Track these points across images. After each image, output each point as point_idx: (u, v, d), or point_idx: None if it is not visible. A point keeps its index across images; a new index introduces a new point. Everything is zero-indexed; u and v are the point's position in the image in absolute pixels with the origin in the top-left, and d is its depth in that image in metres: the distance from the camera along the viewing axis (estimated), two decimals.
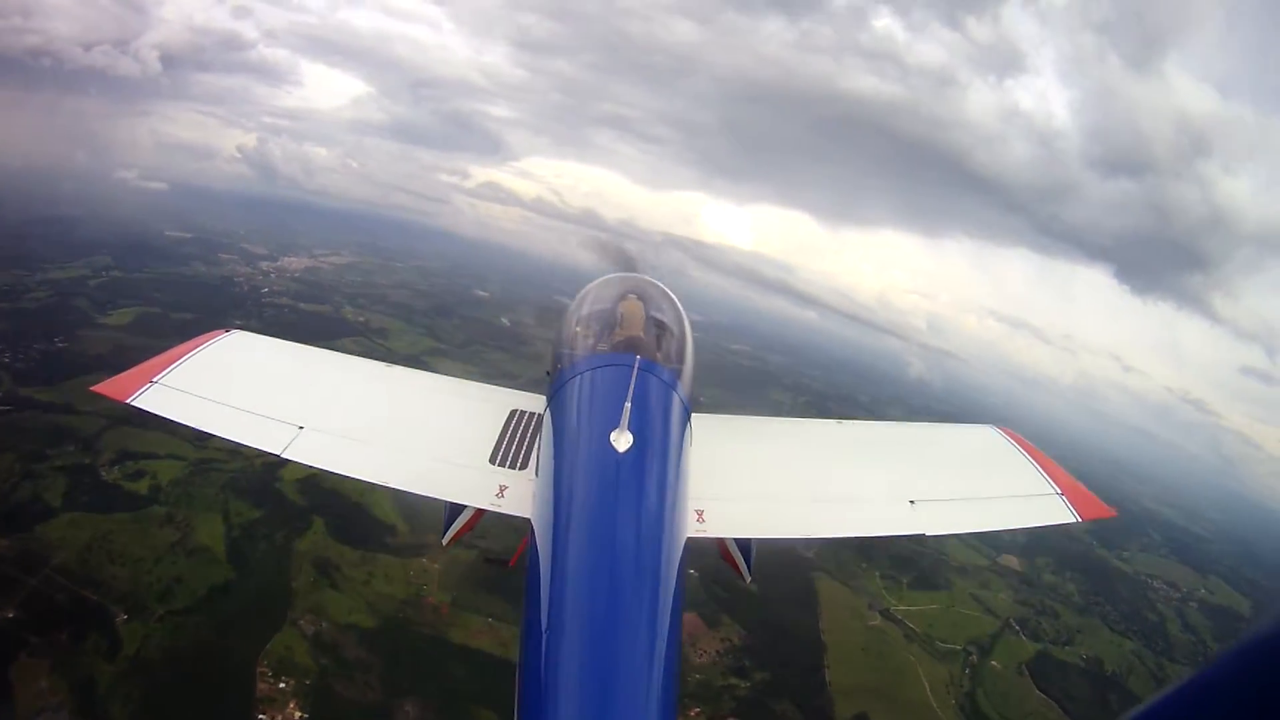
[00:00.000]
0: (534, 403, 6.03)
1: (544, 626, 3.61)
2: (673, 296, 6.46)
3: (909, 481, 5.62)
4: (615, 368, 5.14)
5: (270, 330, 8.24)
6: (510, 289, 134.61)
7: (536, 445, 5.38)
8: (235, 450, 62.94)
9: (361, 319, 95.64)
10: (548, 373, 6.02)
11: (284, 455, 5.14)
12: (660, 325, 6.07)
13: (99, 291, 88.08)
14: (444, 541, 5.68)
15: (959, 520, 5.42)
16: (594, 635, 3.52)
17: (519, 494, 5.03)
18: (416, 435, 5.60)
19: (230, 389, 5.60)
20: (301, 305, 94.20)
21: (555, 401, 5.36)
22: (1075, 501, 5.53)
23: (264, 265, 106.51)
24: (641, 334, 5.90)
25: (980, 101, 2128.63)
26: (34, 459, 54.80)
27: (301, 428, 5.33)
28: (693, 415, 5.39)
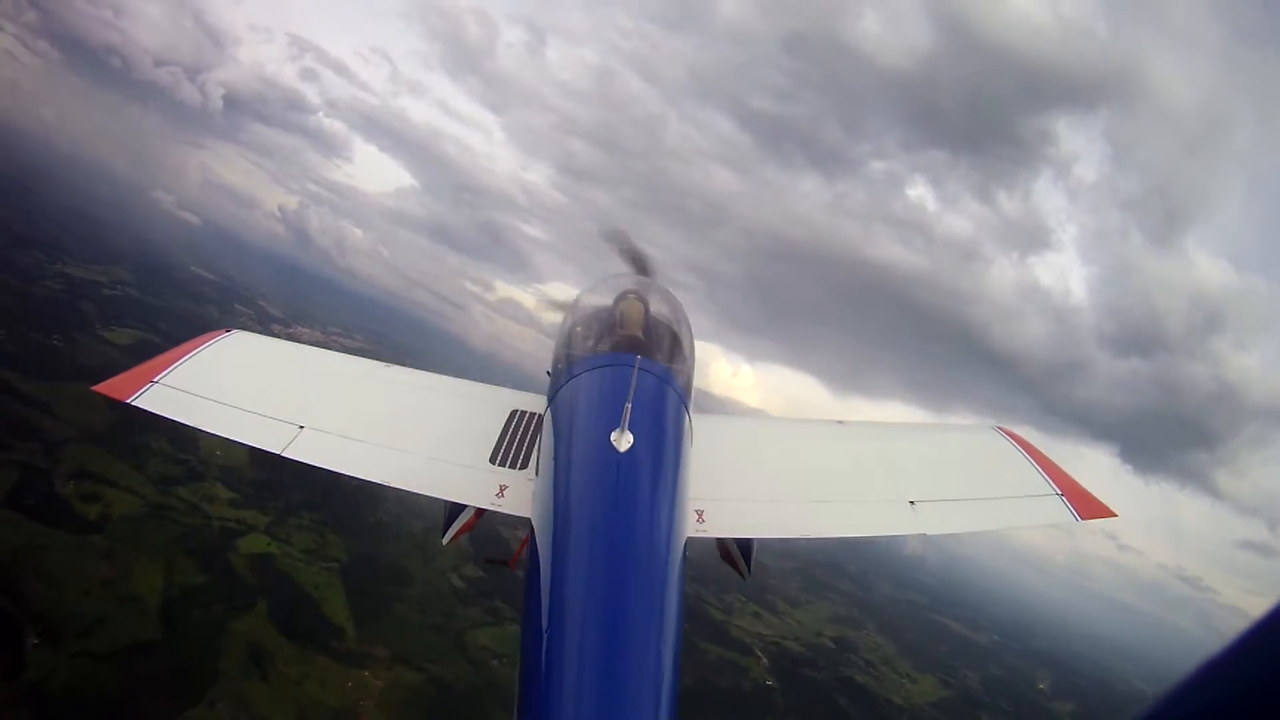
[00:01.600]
0: (534, 402, 6.03)
1: (544, 626, 3.60)
2: (674, 297, 6.48)
3: (909, 482, 5.63)
4: (616, 368, 5.14)
5: None
6: None
7: (537, 445, 5.37)
8: (196, 506, 60.83)
9: None
10: (548, 372, 6.02)
11: (284, 454, 5.10)
12: (661, 325, 6.07)
13: (109, 303, 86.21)
14: (444, 541, 5.60)
15: (959, 520, 5.40)
16: (594, 635, 3.52)
17: (519, 494, 5.01)
18: (416, 434, 5.58)
19: (230, 389, 5.57)
20: None
21: (556, 401, 5.35)
22: (1075, 502, 5.52)
23: (275, 328, 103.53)
24: (642, 334, 5.90)
25: (1001, 277, 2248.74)
26: None
27: (302, 427, 5.30)
28: (693, 415, 5.41)
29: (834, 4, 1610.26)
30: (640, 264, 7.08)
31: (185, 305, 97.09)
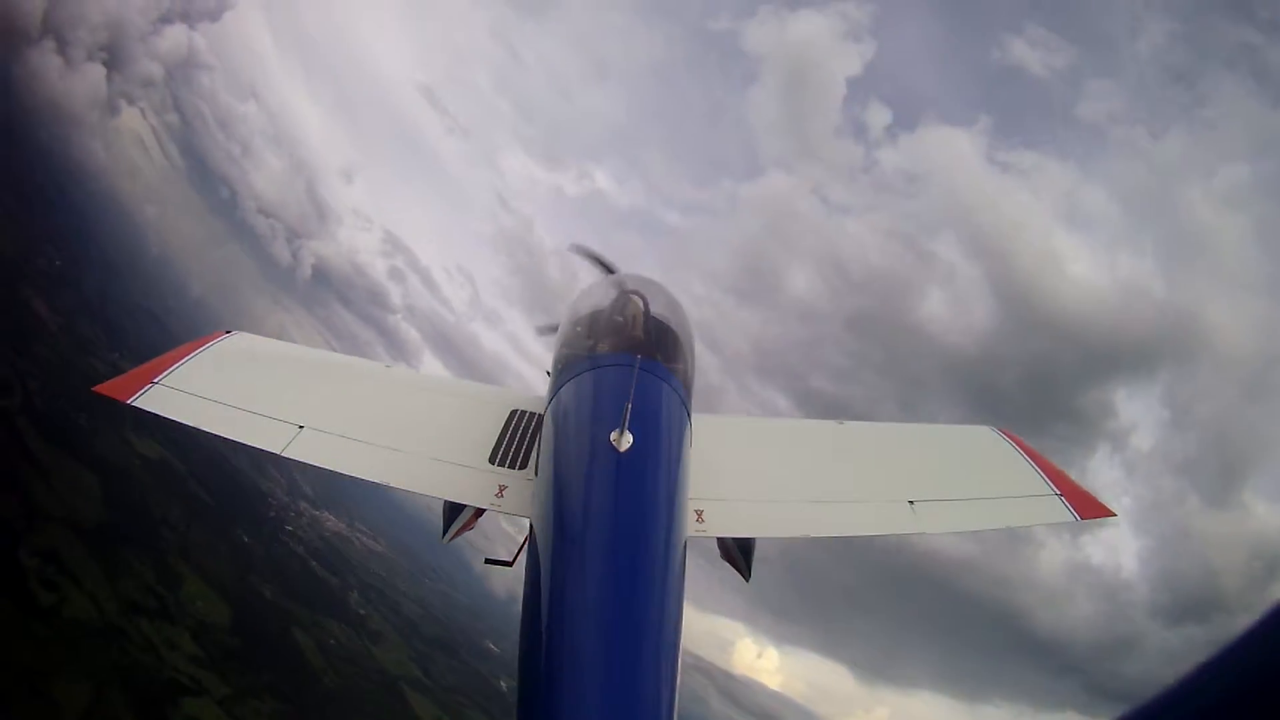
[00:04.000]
0: (534, 403, 5.93)
1: (544, 626, 3.57)
2: (674, 297, 6.40)
3: (908, 482, 5.53)
4: (616, 368, 5.08)
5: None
6: None
7: (536, 445, 5.27)
8: (153, 645, 50.76)
9: (362, 611, 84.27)
10: (548, 372, 5.98)
11: (283, 454, 5.04)
12: (661, 325, 5.95)
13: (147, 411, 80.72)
14: (444, 540, 5.68)
15: (959, 520, 5.33)
16: (594, 635, 3.47)
17: (519, 494, 4.95)
18: (416, 435, 5.49)
19: (230, 389, 5.51)
20: (312, 564, 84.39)
21: (555, 401, 5.27)
22: (1074, 502, 5.40)
23: (302, 505, 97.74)
24: (642, 334, 5.81)
25: (1051, 559, 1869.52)
26: None
27: (301, 427, 5.23)
28: (693, 415, 5.35)
29: (901, 283, 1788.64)
30: (607, 268, 7.30)
31: (219, 454, 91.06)
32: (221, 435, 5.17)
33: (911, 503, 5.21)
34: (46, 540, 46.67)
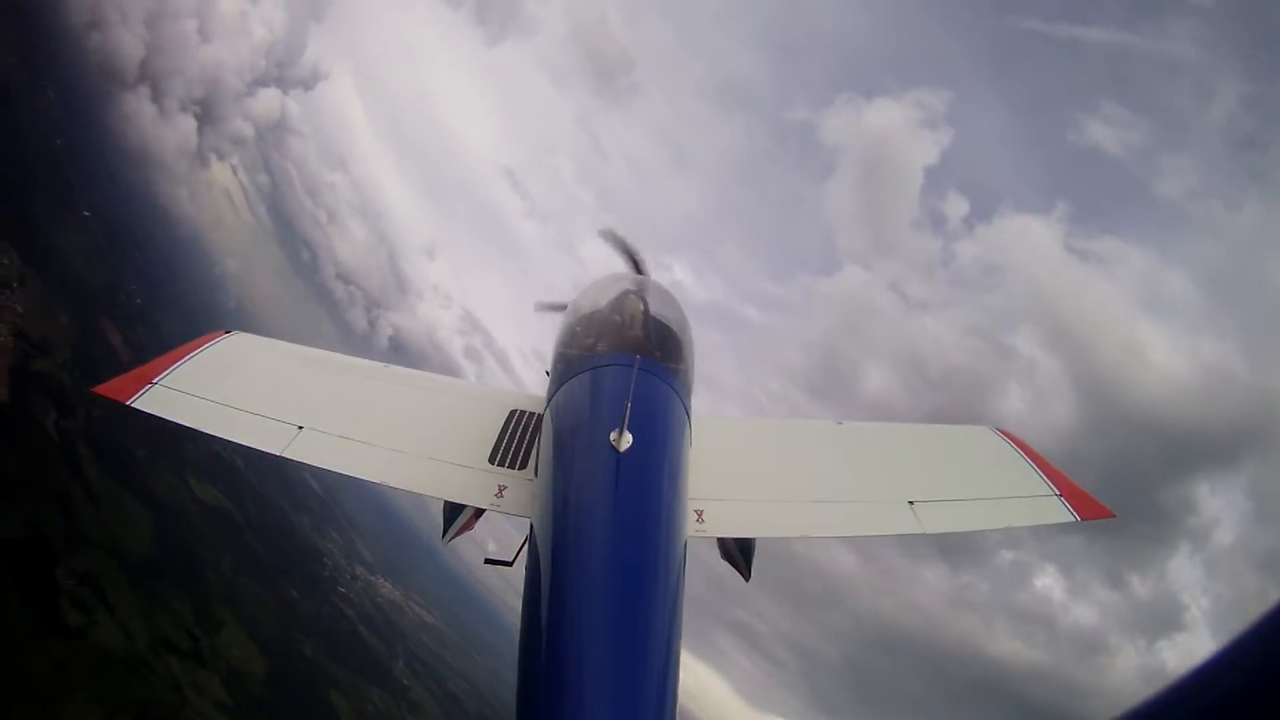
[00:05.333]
0: (533, 403, 5.94)
1: (544, 626, 3.57)
2: (674, 297, 6.41)
3: (908, 482, 5.52)
4: (615, 368, 5.05)
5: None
6: None
7: (536, 445, 5.28)
8: (179, 686, 49.16)
9: (406, 681, 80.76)
10: (547, 372, 5.99)
11: (283, 455, 5.02)
12: (661, 325, 5.92)
13: (210, 460, 74.62)
14: (444, 540, 5.78)
15: (958, 520, 5.30)
16: (593, 635, 3.44)
17: (518, 494, 4.96)
18: (416, 435, 5.48)
19: (230, 390, 5.48)
20: (360, 628, 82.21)
21: (555, 401, 5.26)
22: (1074, 502, 5.37)
23: (359, 570, 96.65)
24: (642, 334, 5.78)
25: (1125, 666, 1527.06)
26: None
27: (301, 428, 5.21)
28: (693, 415, 5.35)
29: (979, 380, 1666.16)
30: (635, 262, 7.20)
31: (280, 509, 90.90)
32: (221, 436, 5.11)
33: (911, 503, 5.23)
34: (85, 564, 46.97)
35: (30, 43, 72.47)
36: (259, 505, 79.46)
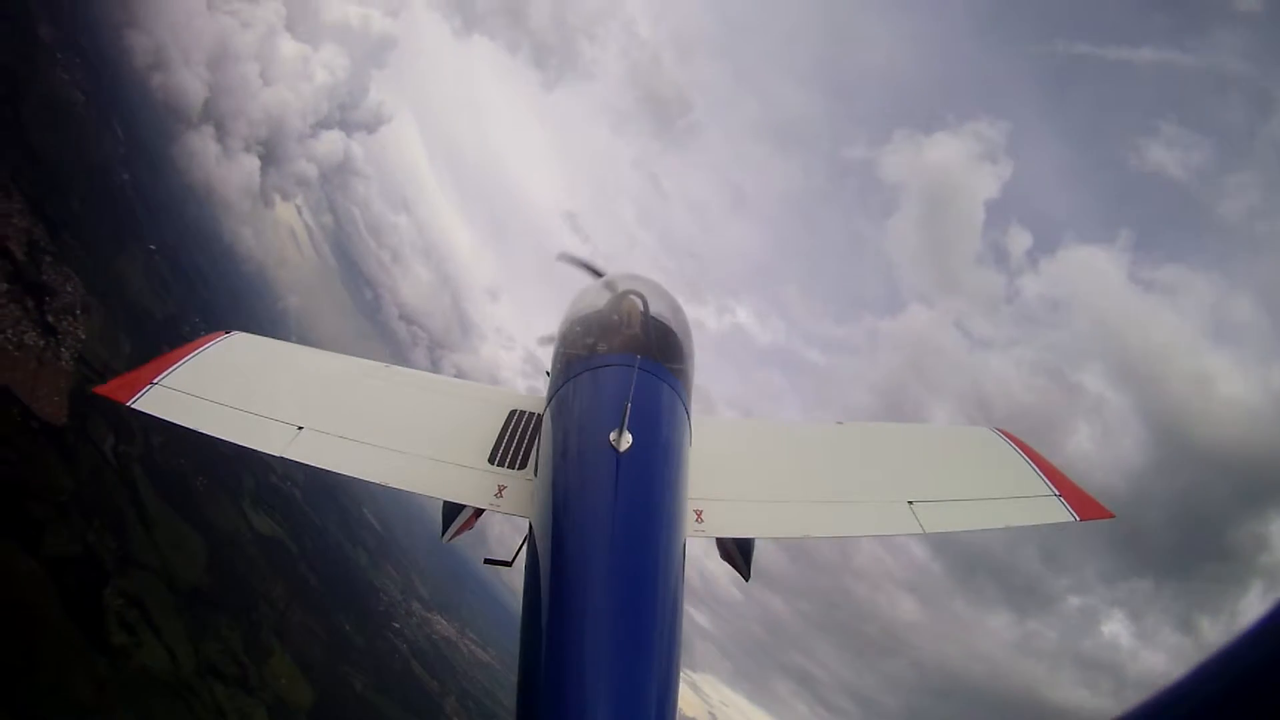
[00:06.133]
0: (533, 403, 5.91)
1: (544, 625, 3.53)
2: (673, 297, 6.33)
3: (907, 482, 5.51)
4: (615, 368, 5.06)
5: None
6: None
7: (536, 445, 5.25)
8: (224, 714, 48.91)
9: (456, 719, 79.28)
10: (547, 372, 6.02)
11: (283, 455, 5.01)
12: (661, 325, 5.87)
13: (270, 491, 76.03)
14: (444, 540, 5.82)
15: (957, 520, 5.31)
16: (593, 635, 3.43)
17: (518, 494, 4.93)
18: (415, 435, 5.46)
19: (229, 390, 5.47)
20: (413, 663, 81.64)
21: (555, 401, 5.24)
22: (1074, 502, 5.38)
23: (414, 605, 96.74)
24: (642, 334, 5.74)
25: None
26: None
27: (300, 428, 5.19)
28: (693, 415, 5.35)
29: (1047, 419, 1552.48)
30: (596, 271, 7.22)
31: (337, 542, 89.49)
32: (220, 437, 5.08)
33: (910, 503, 5.23)
34: (135, 586, 47.76)
35: (95, 80, 77.55)
36: (315, 537, 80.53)
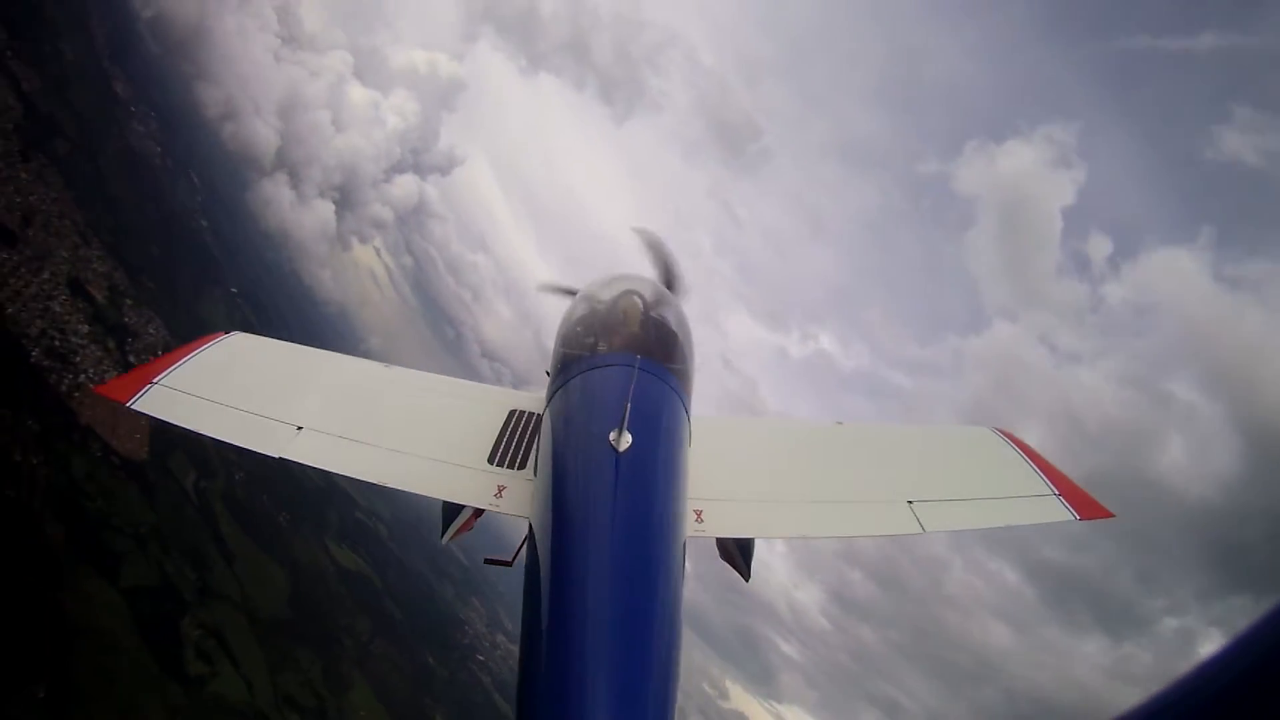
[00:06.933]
0: (533, 402, 5.85)
1: (544, 626, 3.56)
2: (674, 297, 6.43)
3: (907, 482, 5.53)
4: (615, 367, 5.07)
5: None
6: None
7: (535, 445, 5.22)
8: None
9: None
10: (547, 372, 5.94)
11: (282, 456, 5.00)
12: (661, 325, 5.88)
13: (353, 527, 77.95)
14: (443, 541, 5.83)
15: (957, 520, 5.35)
16: (593, 635, 3.44)
17: (517, 494, 4.91)
18: (415, 435, 5.43)
19: (229, 390, 5.43)
20: (496, 696, 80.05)
21: (555, 401, 5.24)
22: (1073, 502, 5.42)
23: (499, 638, 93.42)
24: (641, 334, 5.73)
25: None
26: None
27: (300, 428, 5.21)
28: (692, 415, 5.40)
29: (1140, 434, 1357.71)
30: (668, 274, 7.01)
31: (422, 576, 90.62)
32: (220, 437, 5.14)
33: (910, 503, 5.26)
34: (214, 617, 49.67)
35: (170, 132, 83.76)
36: (400, 572, 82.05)
